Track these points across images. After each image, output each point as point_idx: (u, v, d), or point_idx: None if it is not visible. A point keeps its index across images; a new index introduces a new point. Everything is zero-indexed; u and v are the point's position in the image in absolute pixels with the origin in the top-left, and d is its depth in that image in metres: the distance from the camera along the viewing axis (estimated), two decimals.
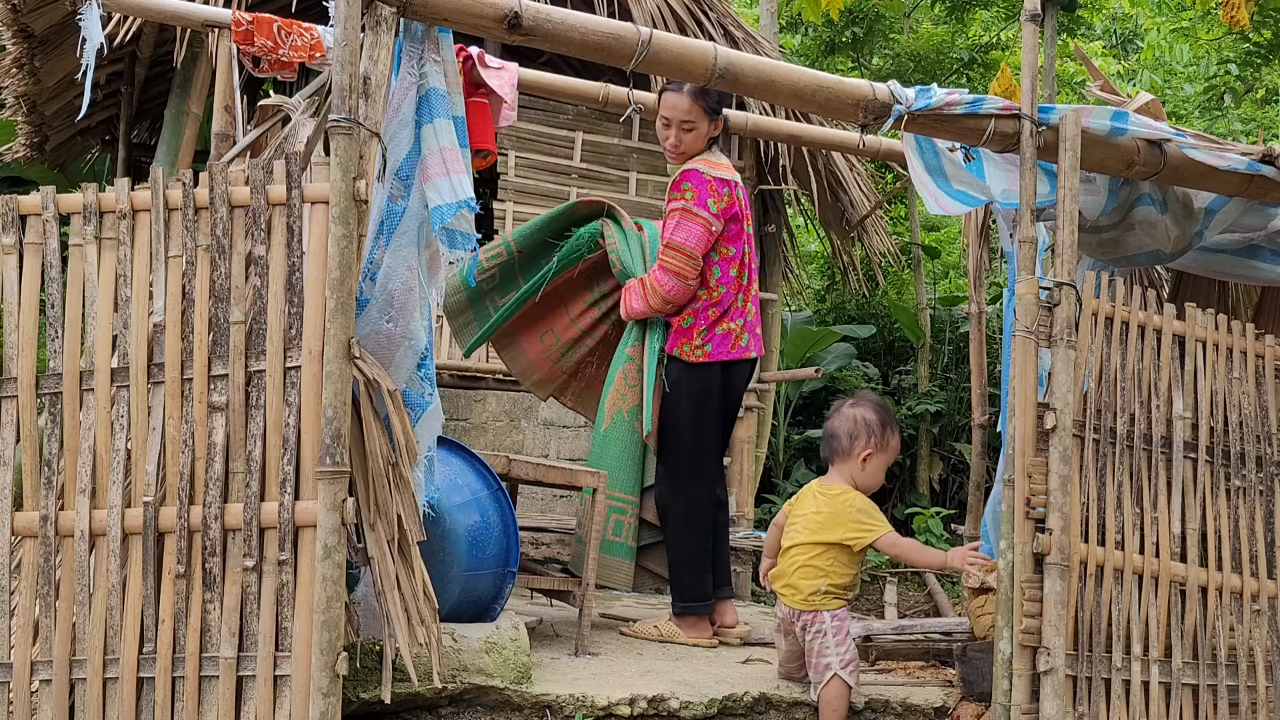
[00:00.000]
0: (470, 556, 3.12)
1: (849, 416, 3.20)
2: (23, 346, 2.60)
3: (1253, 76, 10.87)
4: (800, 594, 3.11)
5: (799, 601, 3.11)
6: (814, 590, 3.09)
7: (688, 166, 3.74)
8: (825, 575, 3.10)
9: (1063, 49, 10.15)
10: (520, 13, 2.78)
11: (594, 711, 2.94)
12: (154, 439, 2.55)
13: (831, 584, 3.10)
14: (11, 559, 2.57)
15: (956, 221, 10.17)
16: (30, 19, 5.83)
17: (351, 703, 2.70)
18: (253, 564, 2.49)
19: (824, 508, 3.15)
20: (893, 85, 3.10)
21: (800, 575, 3.11)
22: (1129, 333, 3.12)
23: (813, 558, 3.11)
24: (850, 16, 9.83)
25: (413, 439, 2.71)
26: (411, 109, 2.84)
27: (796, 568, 3.12)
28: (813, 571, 3.10)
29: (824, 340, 9.04)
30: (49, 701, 2.50)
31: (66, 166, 8.35)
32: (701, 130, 3.75)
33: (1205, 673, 3.09)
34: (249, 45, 3.65)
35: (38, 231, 2.64)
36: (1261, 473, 3.28)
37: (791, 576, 3.13)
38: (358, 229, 2.54)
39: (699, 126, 3.73)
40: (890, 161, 5.83)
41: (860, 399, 3.26)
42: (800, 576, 3.11)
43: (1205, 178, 3.33)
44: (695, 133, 3.74)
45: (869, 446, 3.16)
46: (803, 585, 3.10)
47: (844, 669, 3.06)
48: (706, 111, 3.73)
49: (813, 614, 3.08)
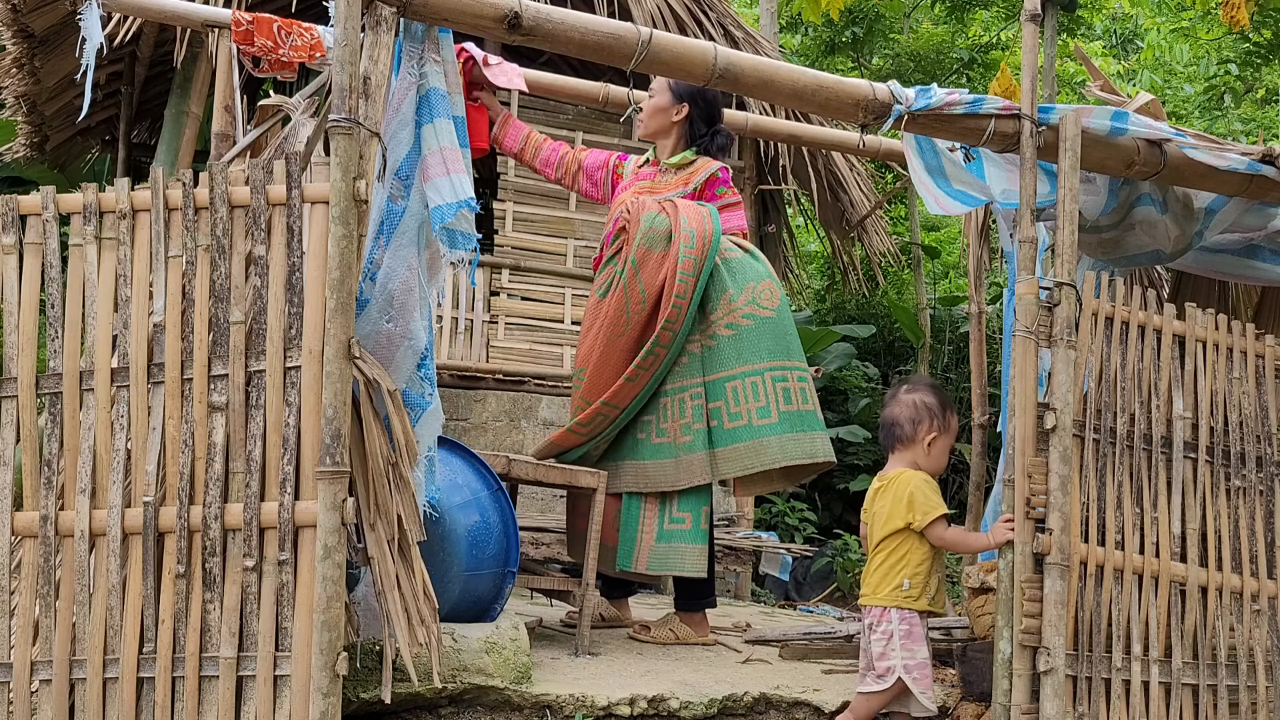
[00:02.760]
0: (470, 556, 3.12)
1: (909, 402, 3.12)
2: (23, 346, 2.61)
3: (1253, 76, 10.87)
4: (870, 588, 3.02)
5: (867, 595, 3.02)
6: (891, 586, 2.99)
7: (722, 164, 3.91)
8: (902, 565, 2.99)
9: (1063, 49, 10.15)
10: (520, 13, 2.78)
11: (594, 711, 2.94)
12: (154, 439, 2.55)
13: (910, 575, 2.98)
14: (11, 559, 2.57)
15: (956, 221, 10.17)
16: (30, 19, 5.83)
17: (351, 703, 2.70)
18: (253, 564, 2.49)
19: (886, 498, 3.06)
20: (893, 85, 3.10)
21: (877, 573, 3.02)
22: (1129, 333, 3.12)
23: (888, 554, 3.01)
24: (850, 16, 9.84)
25: (413, 439, 2.71)
26: (411, 109, 2.84)
27: (874, 568, 3.04)
28: (886, 568, 3.00)
29: (824, 340, 9.05)
30: (49, 701, 2.50)
31: (66, 166, 8.35)
32: (660, 103, 3.89)
33: (1205, 673, 3.09)
34: (249, 45, 3.65)
35: (38, 231, 2.64)
36: (1261, 473, 3.28)
37: (870, 576, 3.05)
38: (358, 229, 2.54)
39: (658, 99, 3.89)
40: (890, 161, 5.84)
41: (915, 383, 3.19)
42: (877, 574, 3.02)
43: (1205, 178, 3.33)
44: (654, 104, 3.90)
45: (933, 430, 3.09)
46: (875, 580, 3.01)
47: (909, 674, 2.93)
48: (671, 88, 3.86)
49: (881, 610, 2.99)
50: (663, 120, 3.90)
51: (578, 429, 3.68)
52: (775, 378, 3.64)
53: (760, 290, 3.71)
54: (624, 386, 3.63)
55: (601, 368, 3.69)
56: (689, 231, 3.68)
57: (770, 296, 3.72)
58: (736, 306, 3.68)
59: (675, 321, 3.63)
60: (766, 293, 3.72)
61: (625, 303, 3.68)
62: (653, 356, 3.63)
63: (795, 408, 3.64)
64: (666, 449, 3.68)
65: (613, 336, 3.69)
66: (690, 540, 3.63)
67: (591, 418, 3.66)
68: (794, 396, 3.65)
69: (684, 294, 3.63)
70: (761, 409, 3.61)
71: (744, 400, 3.62)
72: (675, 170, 3.91)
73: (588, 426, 3.67)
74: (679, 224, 3.70)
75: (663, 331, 3.62)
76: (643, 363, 3.62)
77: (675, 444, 3.67)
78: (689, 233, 3.68)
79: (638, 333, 3.67)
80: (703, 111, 3.89)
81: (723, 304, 3.68)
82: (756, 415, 3.60)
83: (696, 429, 3.65)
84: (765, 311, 3.70)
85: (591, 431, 3.69)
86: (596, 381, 3.69)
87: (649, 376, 3.66)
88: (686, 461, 3.64)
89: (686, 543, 3.63)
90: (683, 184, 3.86)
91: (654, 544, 3.65)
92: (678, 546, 3.64)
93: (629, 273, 3.68)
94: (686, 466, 3.64)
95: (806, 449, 3.62)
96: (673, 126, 3.91)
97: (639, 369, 3.63)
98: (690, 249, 3.66)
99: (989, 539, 3.00)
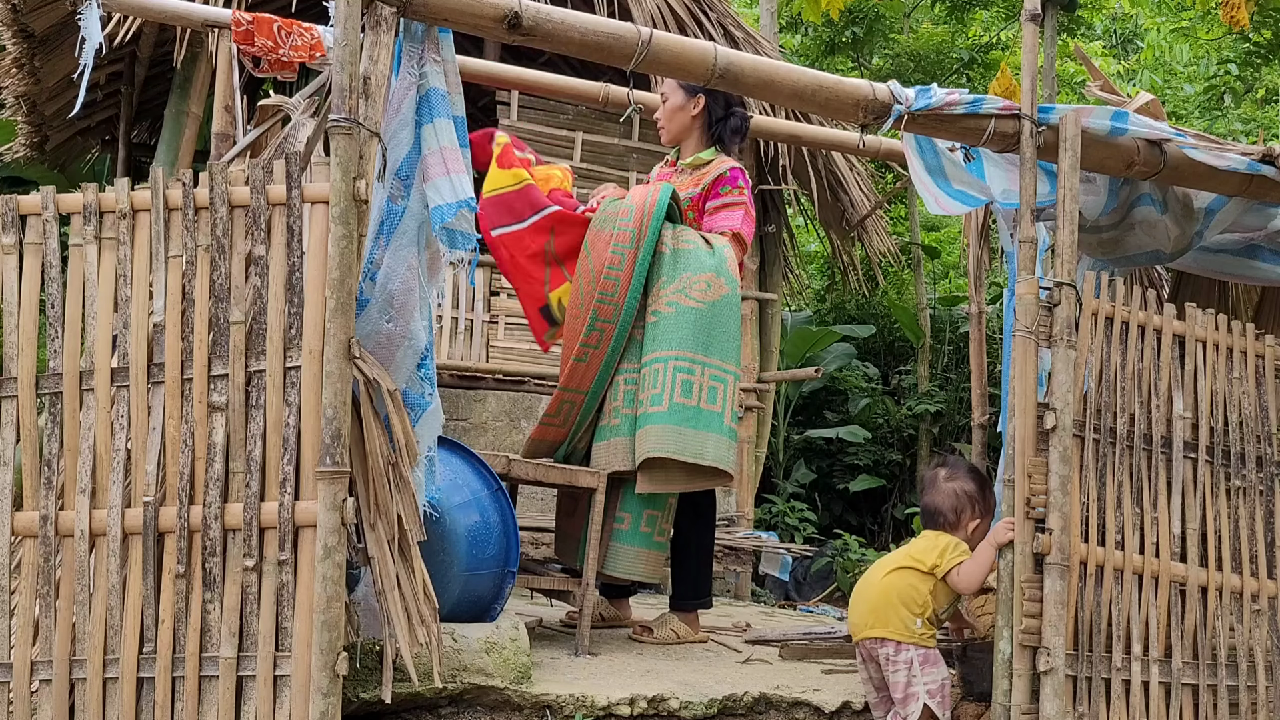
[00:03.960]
0: (470, 556, 3.12)
1: (949, 492, 3.11)
2: (23, 346, 2.61)
3: (1253, 76, 10.87)
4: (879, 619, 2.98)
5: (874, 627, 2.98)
6: (902, 623, 2.96)
7: (735, 165, 3.86)
8: (918, 606, 2.97)
9: (1063, 49, 10.15)
10: (520, 13, 2.78)
11: (594, 711, 2.94)
12: (154, 439, 2.55)
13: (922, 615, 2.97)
14: (11, 559, 2.57)
15: (956, 221, 10.18)
16: (30, 19, 5.84)
17: (351, 703, 2.70)
18: (253, 564, 2.49)
19: (920, 542, 3.08)
20: (893, 85, 3.10)
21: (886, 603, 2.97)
22: (1129, 333, 3.12)
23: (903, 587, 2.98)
24: (850, 16, 9.84)
25: (413, 439, 2.71)
26: (411, 109, 2.84)
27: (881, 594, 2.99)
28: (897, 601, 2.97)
29: (824, 340, 9.05)
30: (49, 701, 2.50)
31: (66, 166, 8.36)
32: (675, 103, 3.88)
33: (1205, 673, 3.09)
34: (249, 45, 3.65)
35: (38, 231, 2.64)
36: (1261, 473, 3.28)
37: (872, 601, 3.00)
38: (358, 229, 2.54)
39: (672, 99, 3.88)
40: (890, 161, 5.84)
41: (953, 469, 3.17)
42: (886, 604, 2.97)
43: (1205, 178, 3.33)
44: (670, 106, 3.89)
45: (975, 517, 3.10)
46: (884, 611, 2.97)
47: (933, 699, 2.93)
48: (681, 85, 3.85)
49: (896, 644, 2.96)
50: (682, 119, 3.89)
51: (548, 420, 3.66)
52: (679, 368, 3.51)
53: (695, 281, 3.58)
54: (575, 368, 3.59)
55: (567, 354, 3.67)
56: (628, 206, 3.67)
57: (705, 290, 3.57)
58: (664, 294, 3.59)
59: (612, 295, 3.57)
60: (701, 285, 3.58)
61: (579, 284, 3.66)
62: (596, 333, 3.58)
63: (694, 403, 3.49)
64: (601, 431, 3.65)
65: (571, 319, 3.66)
66: (626, 542, 3.60)
67: (558, 406, 3.64)
68: (695, 392, 3.50)
69: (618, 265, 3.58)
70: (655, 396, 3.50)
71: (648, 387, 3.53)
72: (690, 170, 3.91)
73: (557, 416, 3.65)
74: (624, 200, 3.72)
75: (600, 305, 3.56)
76: (587, 339, 3.58)
77: (608, 426, 3.62)
78: (628, 207, 3.67)
79: (591, 314, 3.63)
80: (718, 97, 3.87)
81: (655, 290, 3.62)
82: (650, 403, 3.51)
83: (625, 413, 3.58)
84: (691, 302, 3.56)
85: (563, 420, 3.65)
86: (564, 368, 3.67)
87: (599, 356, 3.59)
88: (614, 445, 3.58)
89: (622, 544, 3.60)
90: (695, 184, 3.85)
91: (609, 544, 3.62)
92: (615, 547, 3.61)
93: (582, 254, 3.67)
94: (614, 450, 3.58)
95: (693, 448, 3.46)
96: (693, 123, 3.90)
97: (584, 347, 3.58)
98: (626, 221, 3.63)
99: (990, 546, 3.01)
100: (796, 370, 7.35)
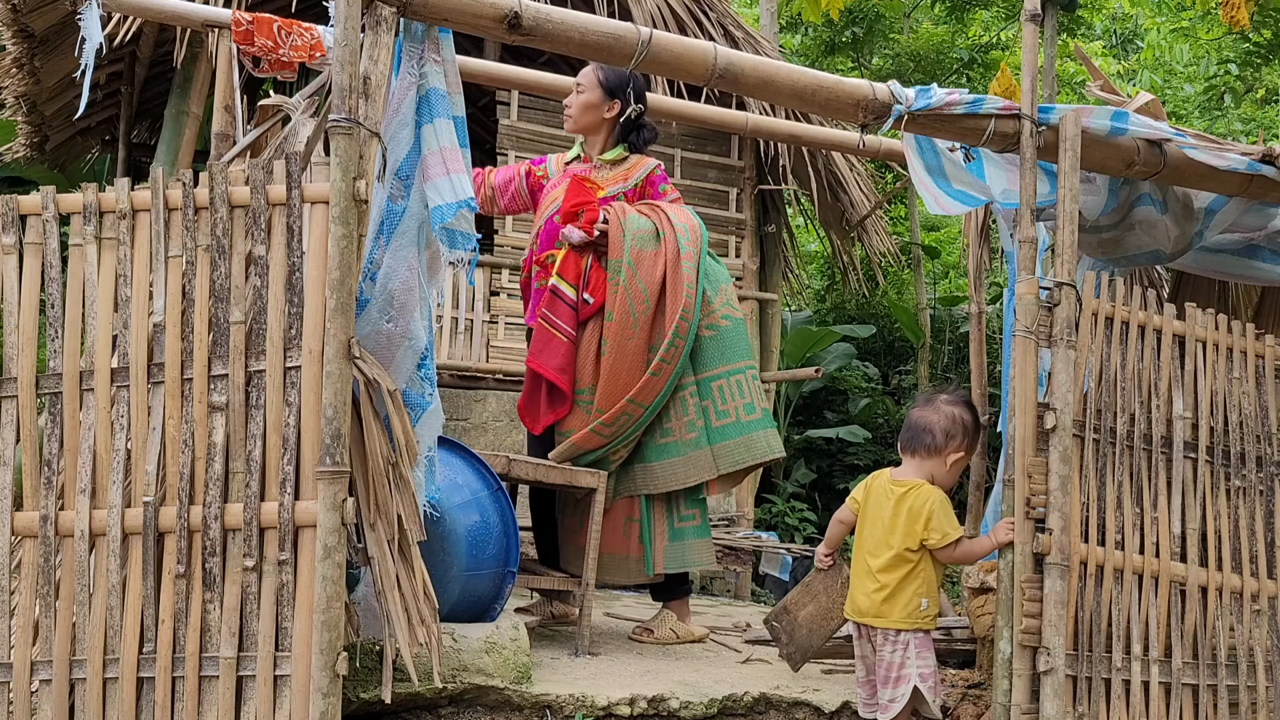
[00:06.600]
0: (470, 556, 3.13)
1: (947, 414, 3.02)
2: (23, 346, 2.60)
3: (1253, 76, 10.87)
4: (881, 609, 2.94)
5: (879, 618, 2.94)
6: (906, 609, 2.92)
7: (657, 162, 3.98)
8: (919, 586, 2.93)
9: (1063, 49, 10.15)
10: (520, 13, 2.78)
11: (594, 711, 2.94)
12: (154, 439, 2.55)
13: (927, 594, 2.93)
14: (11, 559, 2.57)
15: (956, 221, 10.17)
16: (30, 19, 5.84)
17: (351, 703, 2.70)
18: (253, 564, 2.49)
19: (901, 511, 2.95)
20: (893, 85, 3.10)
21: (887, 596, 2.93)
22: (1129, 333, 3.12)
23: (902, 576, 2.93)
24: (850, 16, 9.85)
25: (413, 439, 2.71)
26: (411, 109, 2.84)
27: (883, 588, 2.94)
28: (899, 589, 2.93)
29: (824, 340, 9.05)
30: (49, 701, 2.50)
31: (66, 166, 8.36)
32: (590, 100, 3.89)
33: (1205, 673, 3.09)
34: (249, 45, 3.65)
35: (38, 231, 2.64)
36: (1261, 473, 3.28)
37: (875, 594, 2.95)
38: (358, 229, 2.54)
39: (588, 95, 3.89)
40: (890, 161, 5.84)
41: (955, 396, 3.09)
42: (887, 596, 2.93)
43: (1205, 178, 3.33)
44: (584, 100, 3.90)
45: (960, 449, 3.00)
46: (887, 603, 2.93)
47: (924, 682, 2.90)
48: (601, 84, 3.87)
49: (896, 631, 2.93)
50: (594, 116, 3.91)
51: (601, 429, 3.68)
52: (753, 375, 3.85)
53: (730, 293, 3.91)
54: (650, 382, 3.67)
55: (615, 374, 3.68)
56: (682, 225, 3.79)
57: (735, 300, 3.93)
58: (715, 308, 3.81)
59: (689, 312, 3.71)
60: (733, 294, 3.94)
61: (630, 304, 3.70)
62: (674, 349, 3.70)
63: (767, 405, 3.92)
64: (673, 448, 3.75)
65: (622, 340, 3.70)
66: (702, 535, 3.80)
67: (616, 416, 3.66)
68: (763, 394, 3.90)
69: (691, 284, 3.73)
70: (748, 405, 3.79)
71: (730, 398, 3.79)
72: (611, 166, 3.93)
73: (612, 426, 3.67)
74: (666, 220, 3.78)
75: (680, 322, 3.70)
76: (666, 355, 3.68)
77: (681, 441, 3.74)
78: (682, 226, 3.79)
79: (645, 332, 3.71)
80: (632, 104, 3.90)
81: (703, 305, 3.79)
82: (744, 411, 3.78)
83: (700, 425, 3.74)
84: (738, 313, 3.91)
85: (615, 432, 3.69)
86: (611, 390, 3.68)
87: (671, 370, 3.71)
88: (695, 458, 3.73)
89: (700, 538, 3.79)
90: (621, 179, 3.90)
91: (668, 544, 3.74)
92: (692, 543, 3.77)
93: (627, 274, 3.70)
94: (695, 463, 3.73)
95: (777, 444, 3.85)
96: (604, 123, 3.93)
97: (663, 362, 3.68)
98: (689, 241, 3.77)
99: (991, 541, 2.99)
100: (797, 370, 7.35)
